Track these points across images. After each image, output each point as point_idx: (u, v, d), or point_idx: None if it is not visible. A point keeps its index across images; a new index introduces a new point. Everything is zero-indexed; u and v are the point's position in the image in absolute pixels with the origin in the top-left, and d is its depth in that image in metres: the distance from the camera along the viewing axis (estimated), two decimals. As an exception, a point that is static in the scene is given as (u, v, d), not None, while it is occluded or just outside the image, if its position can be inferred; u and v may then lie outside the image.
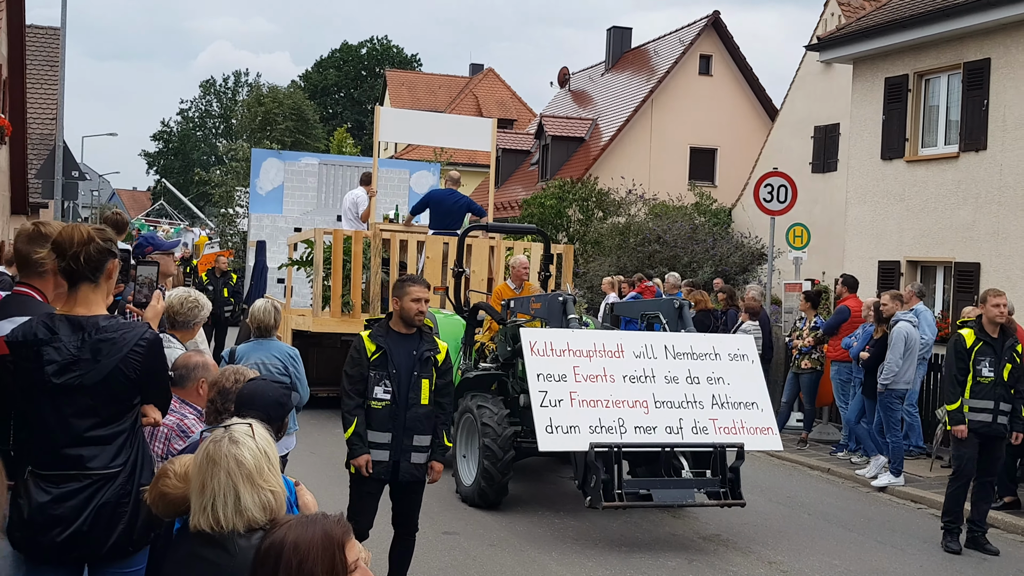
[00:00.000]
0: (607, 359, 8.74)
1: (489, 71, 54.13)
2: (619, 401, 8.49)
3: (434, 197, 14.86)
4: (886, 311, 12.37)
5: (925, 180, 17.37)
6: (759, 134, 32.70)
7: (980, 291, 15.77)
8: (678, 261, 24.03)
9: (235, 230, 35.23)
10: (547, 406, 8.28)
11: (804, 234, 17.95)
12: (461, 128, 17.49)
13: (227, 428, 3.21)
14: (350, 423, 6.59)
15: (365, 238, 14.36)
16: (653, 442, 8.47)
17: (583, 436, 8.21)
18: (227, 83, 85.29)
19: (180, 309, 6.35)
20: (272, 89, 55.88)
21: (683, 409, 8.66)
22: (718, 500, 8.58)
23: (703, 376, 8.91)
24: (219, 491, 3.07)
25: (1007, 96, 15.75)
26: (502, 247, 14.86)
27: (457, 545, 8.77)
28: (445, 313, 12.09)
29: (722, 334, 12.29)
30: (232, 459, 3.09)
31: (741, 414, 8.81)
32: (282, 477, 3.83)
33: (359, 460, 6.56)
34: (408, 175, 22.21)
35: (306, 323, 14.93)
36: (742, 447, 8.64)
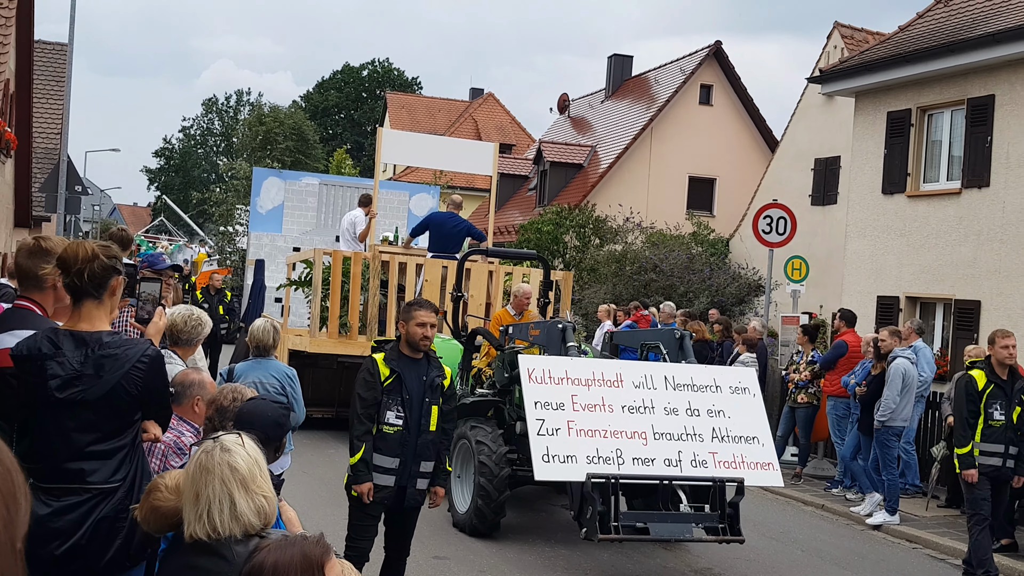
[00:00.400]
0: (606, 388, 8.59)
1: (489, 95, 54.27)
2: (617, 431, 8.34)
3: (434, 220, 14.82)
4: (884, 347, 12.30)
5: (926, 215, 17.34)
6: (759, 165, 32.74)
7: (980, 329, 15.76)
8: (674, 290, 23.97)
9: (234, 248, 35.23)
10: (544, 434, 8.13)
11: (803, 267, 17.90)
12: (463, 151, 17.46)
13: (216, 439, 3.23)
14: (358, 449, 6.49)
15: (364, 259, 14.33)
16: (651, 474, 8.30)
17: (580, 466, 8.06)
18: (229, 102, 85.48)
19: (183, 327, 6.32)
20: (273, 109, 56.03)
21: (682, 441, 8.49)
22: (716, 536, 8.38)
23: (703, 408, 8.74)
24: (214, 498, 3.09)
25: (1011, 133, 15.75)
26: (501, 272, 14.83)
27: (447, 570, 8.68)
28: (443, 337, 12.02)
29: (723, 366, 12.19)
30: (226, 466, 3.12)
31: (741, 448, 8.62)
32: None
33: (362, 488, 6.48)
34: (408, 197, 22.26)
35: (303, 343, 14.85)
36: (742, 482, 8.45)
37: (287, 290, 16.88)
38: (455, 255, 14.13)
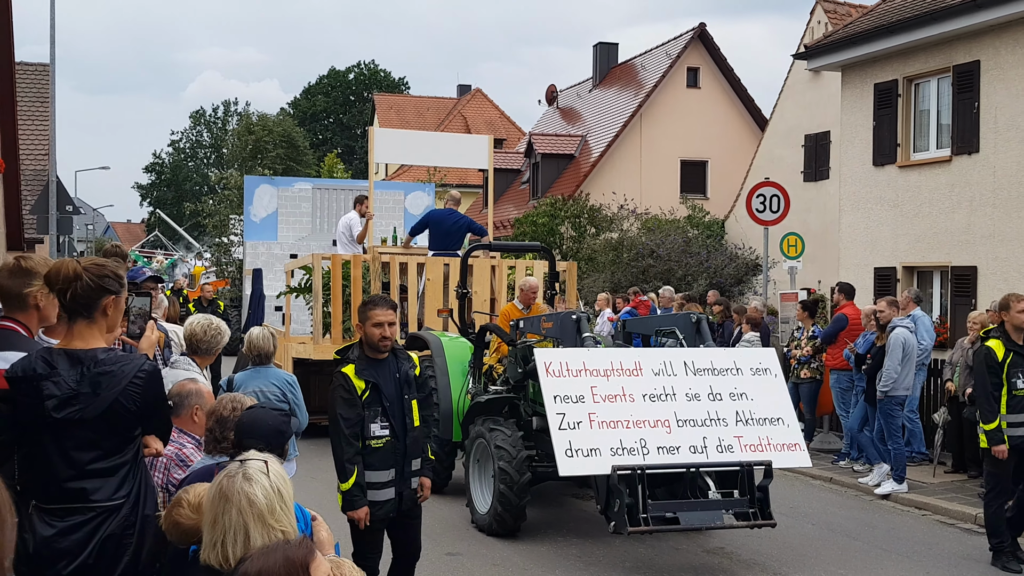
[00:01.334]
0: (625, 378, 8.40)
1: (477, 91, 54.25)
2: (640, 421, 8.14)
3: (433, 217, 14.64)
4: (883, 318, 12.33)
5: (918, 185, 17.37)
6: (749, 145, 32.76)
7: (978, 295, 15.79)
8: (672, 275, 24.02)
9: (230, 259, 35.14)
10: (566, 428, 7.94)
11: (798, 243, 17.93)
12: (457, 146, 17.31)
13: (242, 463, 3.19)
14: (351, 473, 6.15)
15: (364, 262, 14.12)
16: (677, 463, 8.08)
17: (604, 459, 7.88)
18: (216, 113, 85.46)
19: (203, 336, 6.40)
20: (262, 117, 55.92)
21: (707, 427, 8.30)
22: (747, 521, 8.17)
23: (725, 392, 8.56)
24: (229, 528, 3.06)
25: (998, 98, 15.77)
26: (503, 266, 14.69)
27: (460, 566, 8.70)
28: (450, 336, 11.91)
29: (742, 348, 12.05)
30: (244, 497, 3.07)
31: (767, 430, 8.44)
32: (296, 508, 3.80)
33: (359, 514, 6.19)
34: (403, 196, 22.11)
35: (307, 351, 14.65)
36: (770, 465, 8.26)
37: (287, 298, 16.75)
38: (457, 252, 13.98)
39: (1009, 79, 15.59)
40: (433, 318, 13.57)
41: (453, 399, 10.95)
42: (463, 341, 11.53)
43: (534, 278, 12.21)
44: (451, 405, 10.95)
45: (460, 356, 11.21)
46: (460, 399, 10.88)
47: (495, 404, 10.07)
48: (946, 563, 9.18)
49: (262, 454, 3.30)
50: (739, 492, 8.18)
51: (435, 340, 11.62)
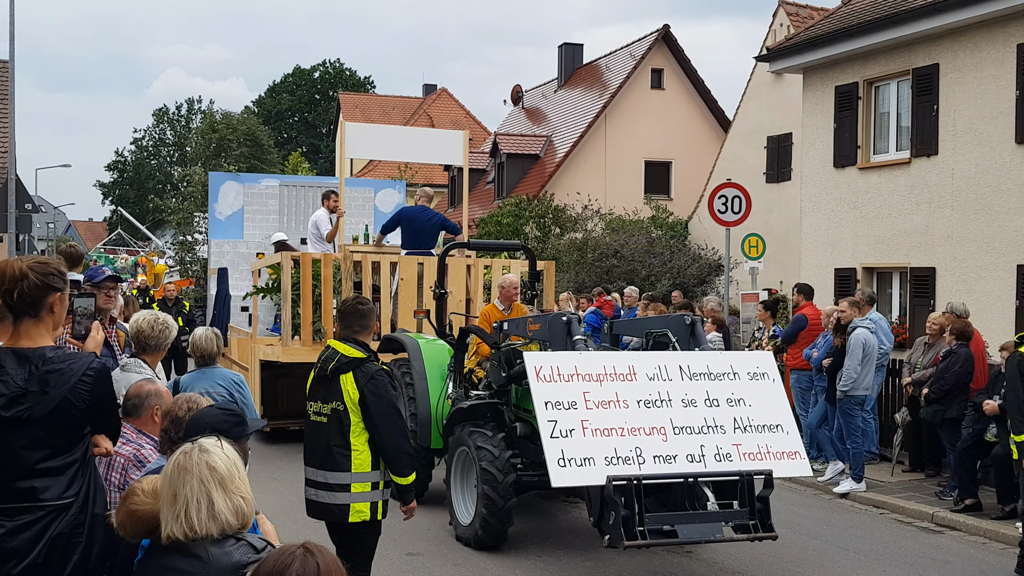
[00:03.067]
0: (619, 383, 8.02)
1: (443, 91, 54.21)
2: (635, 428, 7.77)
3: (406, 215, 14.17)
4: (844, 318, 12.45)
5: (878, 187, 17.54)
6: (713, 146, 32.95)
7: (936, 295, 15.97)
8: (636, 275, 24.10)
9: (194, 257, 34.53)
10: (558, 436, 7.53)
11: (759, 244, 18.06)
12: (430, 141, 16.90)
13: (195, 441, 3.25)
14: (414, 467, 6.34)
15: (335, 261, 13.70)
16: (674, 472, 7.69)
17: (599, 468, 7.46)
18: (180, 111, 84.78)
19: (150, 332, 6.29)
20: (225, 115, 55.53)
21: (704, 435, 7.93)
22: (747, 534, 7.77)
23: (723, 398, 8.20)
24: (192, 497, 3.10)
25: (956, 100, 15.96)
26: (479, 266, 14.32)
27: (421, 566, 8.69)
28: (427, 338, 11.52)
29: (740, 351, 11.84)
30: (204, 465, 3.14)
31: (766, 438, 8.08)
32: None
33: (412, 506, 6.40)
34: (373, 194, 21.70)
35: (275, 353, 14.11)
36: (770, 474, 7.85)
37: (254, 298, 16.31)
38: (431, 251, 13.74)
39: (967, 82, 15.79)
40: (407, 319, 13.27)
41: (432, 405, 10.63)
42: (441, 343, 11.16)
43: (513, 276, 11.85)
44: (429, 411, 10.62)
45: (438, 359, 10.89)
46: (439, 405, 10.57)
47: (478, 410, 9.70)
48: (903, 561, 9.27)
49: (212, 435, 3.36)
50: (739, 503, 7.81)
51: (412, 343, 11.27)
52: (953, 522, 10.59)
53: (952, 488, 11.21)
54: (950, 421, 11.42)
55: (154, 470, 4.41)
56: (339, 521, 6.20)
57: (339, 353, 6.20)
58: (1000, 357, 10.80)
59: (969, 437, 10.95)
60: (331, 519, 6.26)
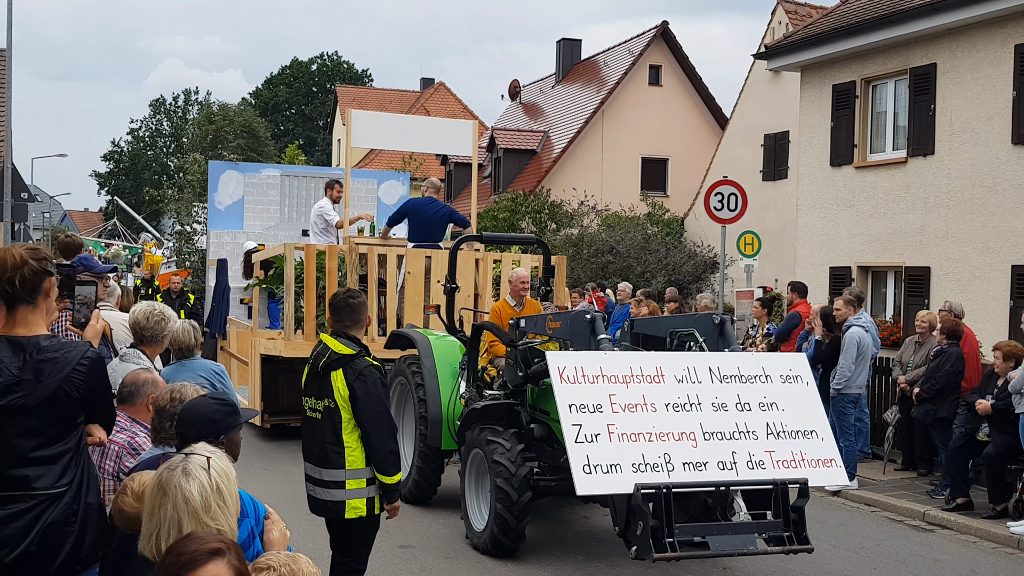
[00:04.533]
0: (646, 385, 7.60)
1: (440, 85, 54.13)
2: (664, 434, 7.36)
3: (413, 207, 13.72)
4: (839, 316, 12.49)
5: (874, 186, 17.56)
6: (710, 143, 32.96)
7: (931, 295, 16.00)
8: (631, 271, 24.11)
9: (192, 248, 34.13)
10: (583, 442, 7.12)
11: (755, 242, 18.08)
12: (439, 131, 16.23)
13: (186, 456, 3.18)
14: (400, 466, 6.30)
15: (340, 253, 13.26)
16: (705, 480, 7.25)
17: (626, 476, 7.05)
18: (177, 102, 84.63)
19: (146, 323, 6.29)
20: (222, 107, 55.52)
21: (735, 441, 7.52)
22: (782, 546, 7.31)
23: (754, 402, 7.77)
24: (164, 522, 3.07)
25: (953, 100, 15.98)
26: (488, 260, 13.82)
27: (413, 558, 8.70)
28: (437, 334, 11.10)
29: (772, 353, 11.52)
30: (180, 493, 3.08)
31: (800, 444, 7.67)
32: (249, 503, 3.76)
33: (397, 505, 6.34)
34: (376, 185, 21.26)
35: (276, 347, 13.65)
36: (806, 483, 7.40)
37: (255, 291, 15.93)
38: (438, 244, 13.45)
39: (965, 82, 15.81)
40: (414, 314, 12.98)
41: (443, 404, 10.26)
42: (452, 340, 10.80)
43: (523, 269, 11.41)
44: (440, 410, 10.25)
45: (449, 356, 10.52)
46: (451, 404, 10.20)
47: (493, 411, 9.35)
48: (894, 559, 9.30)
49: (209, 447, 3.29)
50: (772, 513, 7.36)
51: (422, 339, 10.89)
52: (944, 521, 10.62)
53: (944, 487, 11.25)
54: (941, 420, 11.45)
55: (147, 459, 4.42)
56: (336, 518, 6.21)
57: (330, 349, 6.19)
58: (994, 357, 10.83)
59: (961, 436, 10.98)
60: (329, 516, 6.28)
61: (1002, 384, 10.50)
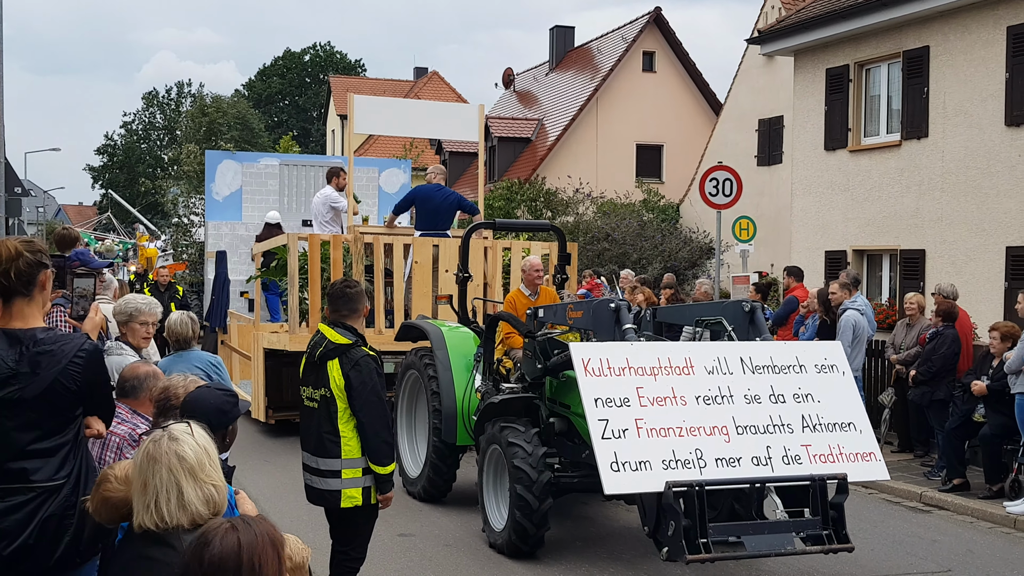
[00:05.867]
0: (675, 377, 7.24)
1: (434, 74, 54.01)
2: (694, 428, 7.00)
3: (420, 194, 13.39)
4: (835, 299, 12.53)
5: (868, 169, 17.58)
6: (704, 129, 32.95)
7: (926, 277, 16.03)
8: (627, 258, 24.13)
9: (190, 240, 33.63)
10: (610, 438, 6.78)
11: (750, 227, 18.09)
12: (444, 115, 15.87)
13: (165, 428, 3.22)
14: (394, 456, 6.27)
15: (344, 243, 12.90)
16: (739, 477, 6.91)
17: (656, 473, 6.71)
18: (170, 94, 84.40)
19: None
20: (215, 99, 55.34)
21: (770, 435, 7.16)
22: (821, 545, 6.97)
23: (789, 393, 7.40)
24: (161, 487, 3.07)
25: (947, 83, 15.98)
26: (498, 248, 13.46)
27: (413, 547, 8.73)
28: (450, 325, 10.77)
29: (806, 341, 11.30)
30: (173, 455, 3.10)
31: (837, 437, 7.31)
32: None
33: (391, 495, 6.29)
34: (377, 173, 20.67)
35: (280, 341, 13.26)
36: (844, 478, 7.07)
37: (257, 283, 15.61)
38: (446, 232, 13.19)
39: (958, 64, 15.81)
40: (422, 305, 12.69)
41: (457, 398, 9.89)
42: (465, 331, 10.46)
43: (536, 258, 11.00)
44: (455, 404, 9.88)
45: (463, 348, 10.18)
46: (466, 398, 9.83)
47: (512, 405, 8.94)
48: (891, 541, 9.34)
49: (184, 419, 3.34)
50: (810, 511, 7.01)
51: (435, 331, 10.51)
52: (941, 502, 10.67)
53: (940, 468, 11.29)
54: (938, 402, 11.49)
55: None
56: (332, 507, 6.24)
57: (327, 339, 6.20)
58: (990, 338, 10.86)
59: (957, 417, 11.03)
60: (325, 505, 6.29)
61: (997, 365, 10.55)
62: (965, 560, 8.85)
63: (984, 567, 8.65)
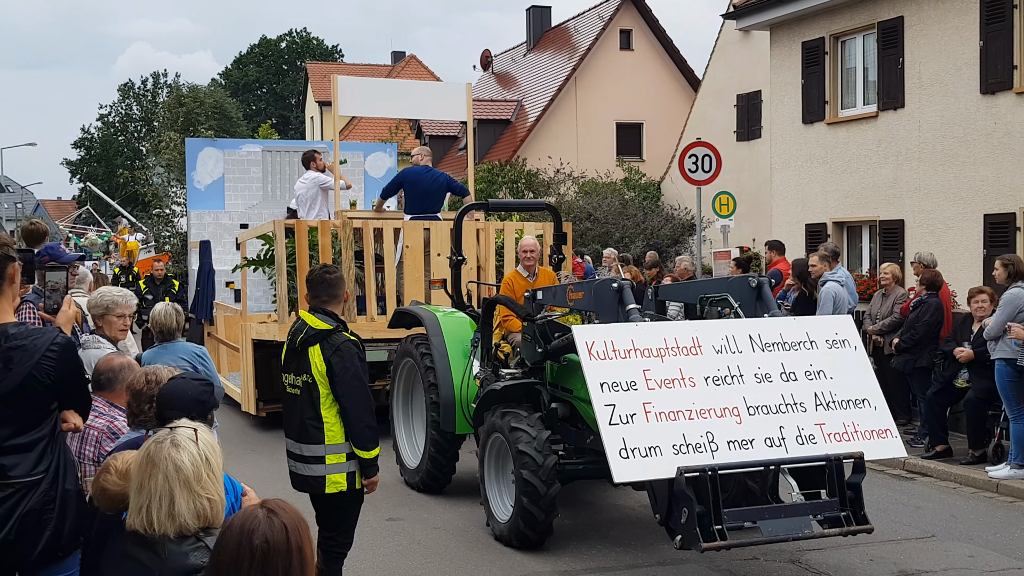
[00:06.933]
0: (683, 357, 6.97)
1: (411, 58, 53.83)
2: (704, 410, 6.75)
3: (409, 176, 13.02)
4: (815, 272, 12.58)
5: (846, 141, 17.62)
6: (683, 106, 32.96)
7: (905, 248, 16.10)
8: (610, 237, 24.18)
9: (172, 231, 33.02)
10: (618, 423, 6.53)
11: (730, 202, 18.14)
12: (430, 95, 15.34)
13: (172, 430, 3.20)
14: (377, 441, 6.22)
15: (333, 228, 12.55)
16: (753, 460, 6.67)
17: (666, 459, 6.46)
18: (146, 85, 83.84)
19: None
20: (192, 88, 55.03)
21: (782, 414, 6.90)
22: (839, 527, 6.73)
23: (800, 370, 7.15)
24: (155, 494, 3.07)
25: (921, 53, 16.02)
26: (490, 229, 13.14)
27: (401, 531, 8.76)
28: (444, 310, 10.43)
29: (815, 316, 11.12)
30: (171, 463, 3.08)
31: (852, 415, 7.05)
32: (227, 481, 3.79)
33: (375, 480, 6.30)
34: (363, 158, 20.01)
35: (269, 331, 12.92)
36: (861, 457, 6.82)
37: (243, 272, 15.16)
38: (436, 214, 12.91)
39: (932, 34, 15.84)
40: (414, 290, 12.40)
41: (455, 385, 9.56)
42: (461, 316, 10.17)
43: (531, 237, 10.67)
44: (453, 392, 9.55)
45: (459, 334, 9.86)
46: (464, 385, 9.52)
47: (512, 392, 8.64)
48: (876, 508, 9.36)
49: (193, 423, 3.31)
50: (827, 492, 6.76)
51: (430, 316, 10.16)
52: (924, 468, 10.76)
53: (923, 435, 11.38)
54: (920, 370, 11.57)
55: (125, 443, 4.43)
56: (317, 493, 6.25)
57: (307, 325, 6.20)
58: (976, 302, 10.90)
59: (938, 383, 11.12)
60: (310, 491, 6.30)
61: (977, 330, 10.62)
62: (948, 525, 8.94)
63: (967, 531, 8.74)
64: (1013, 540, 8.49)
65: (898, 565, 7.77)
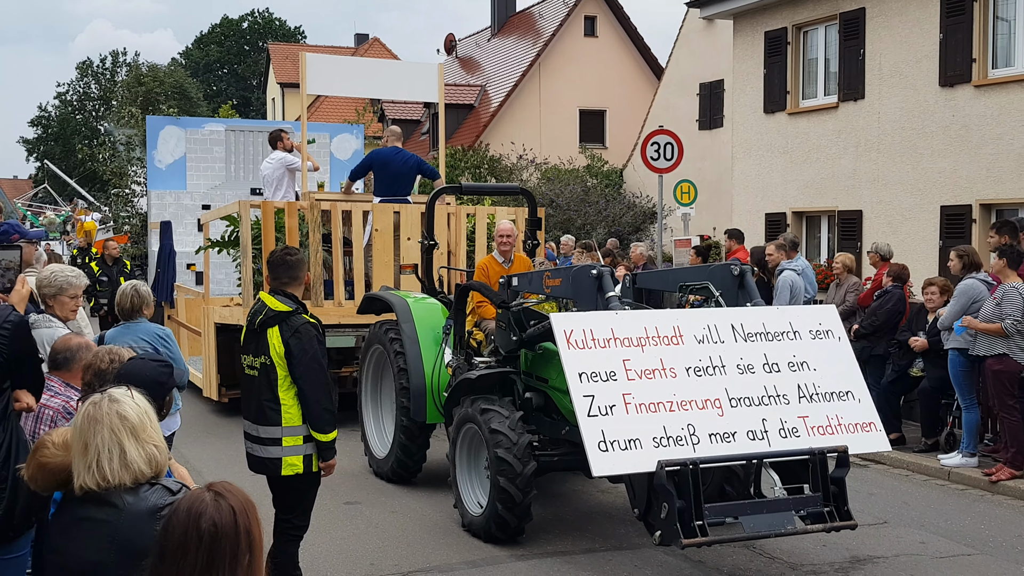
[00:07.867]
0: (664, 347, 6.78)
1: (375, 41, 53.58)
2: (685, 402, 6.58)
3: (378, 158, 12.75)
4: (772, 260, 12.68)
5: (807, 131, 17.75)
6: (646, 94, 33.05)
7: (863, 238, 16.26)
8: (571, 224, 24.24)
9: (132, 211, 32.38)
10: (597, 415, 6.34)
11: (691, 190, 18.23)
12: (401, 75, 14.98)
13: (104, 392, 3.23)
14: (335, 424, 6.21)
15: (300, 210, 12.27)
16: (735, 454, 6.51)
17: (647, 452, 6.28)
18: (105, 64, 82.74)
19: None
20: (152, 68, 54.42)
21: (765, 407, 6.75)
22: (823, 523, 6.61)
23: (783, 362, 6.98)
24: (103, 447, 3.09)
25: (882, 44, 16.15)
26: (462, 214, 12.93)
27: (359, 514, 8.75)
28: (415, 296, 10.19)
29: (800, 306, 10.99)
30: (115, 415, 3.12)
31: (835, 407, 6.91)
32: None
33: (333, 462, 6.28)
34: (329, 139, 19.87)
35: (233, 315, 12.67)
36: (845, 451, 6.68)
37: (206, 254, 14.85)
38: (407, 197, 12.70)
39: (893, 26, 15.97)
40: (383, 275, 12.17)
41: (426, 373, 9.34)
42: (433, 302, 9.95)
43: (507, 222, 10.37)
44: (423, 380, 9.33)
45: (431, 320, 9.64)
46: (435, 374, 9.32)
47: (486, 381, 8.42)
48: (851, 497, 9.50)
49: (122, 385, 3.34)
50: (810, 487, 6.64)
51: (400, 302, 9.92)
52: (877, 455, 10.88)
53: (877, 424, 11.50)
54: (876, 357, 11.69)
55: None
56: (273, 475, 6.23)
57: (267, 306, 6.17)
58: (923, 296, 11.06)
59: (893, 372, 11.25)
60: (266, 473, 6.28)
61: (932, 320, 10.76)
62: (901, 512, 9.07)
63: (919, 518, 8.87)
64: (964, 527, 8.63)
65: (850, 551, 7.86)
